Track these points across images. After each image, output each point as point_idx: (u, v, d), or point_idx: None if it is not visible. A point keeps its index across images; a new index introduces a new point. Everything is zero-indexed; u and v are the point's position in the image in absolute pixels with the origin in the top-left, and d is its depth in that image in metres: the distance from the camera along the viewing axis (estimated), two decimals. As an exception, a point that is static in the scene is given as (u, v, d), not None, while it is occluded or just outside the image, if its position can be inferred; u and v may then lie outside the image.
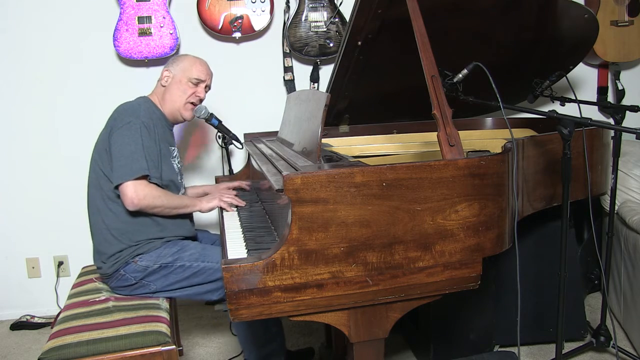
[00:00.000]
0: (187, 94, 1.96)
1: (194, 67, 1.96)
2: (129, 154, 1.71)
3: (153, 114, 1.88)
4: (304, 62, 2.83)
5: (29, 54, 2.66)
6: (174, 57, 2.02)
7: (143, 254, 1.78)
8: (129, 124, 1.75)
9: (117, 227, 1.78)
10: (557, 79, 2.22)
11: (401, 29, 1.68)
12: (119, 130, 1.75)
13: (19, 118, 2.70)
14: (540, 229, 2.18)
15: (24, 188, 2.75)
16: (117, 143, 1.74)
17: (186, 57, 2.00)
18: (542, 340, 2.26)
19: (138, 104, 1.85)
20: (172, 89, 1.94)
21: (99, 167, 1.80)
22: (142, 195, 1.72)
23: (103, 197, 1.80)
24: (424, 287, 1.34)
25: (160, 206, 1.78)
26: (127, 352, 1.50)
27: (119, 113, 1.81)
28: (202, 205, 1.93)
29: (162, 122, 1.93)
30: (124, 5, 2.56)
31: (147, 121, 1.79)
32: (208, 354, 2.39)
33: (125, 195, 1.71)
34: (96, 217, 1.82)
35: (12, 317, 2.78)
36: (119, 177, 1.71)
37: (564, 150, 1.54)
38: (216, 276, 1.76)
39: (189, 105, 1.98)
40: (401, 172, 1.27)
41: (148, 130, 1.78)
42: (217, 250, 1.83)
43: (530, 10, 2.11)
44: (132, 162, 1.71)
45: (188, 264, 1.77)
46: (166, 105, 1.96)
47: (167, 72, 1.95)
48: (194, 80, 1.95)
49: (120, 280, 1.78)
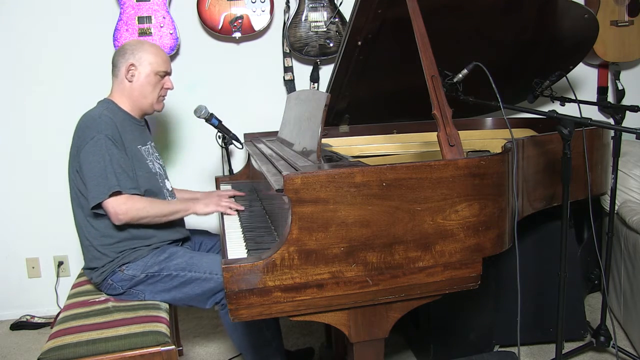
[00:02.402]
0: (158, 89, 1.89)
1: (160, 59, 1.86)
2: (99, 173, 1.66)
3: (116, 118, 1.78)
4: (304, 62, 2.82)
5: (28, 54, 2.65)
6: (128, 47, 1.87)
7: (129, 263, 1.75)
8: (93, 139, 1.69)
9: (100, 242, 1.76)
10: (557, 79, 2.22)
11: (401, 29, 1.69)
12: (85, 148, 1.69)
13: (19, 118, 2.70)
14: (540, 229, 2.18)
15: (24, 188, 2.75)
16: (86, 162, 1.68)
17: (143, 45, 1.87)
18: (542, 340, 2.25)
19: (99, 114, 1.75)
20: (142, 85, 1.85)
21: (75, 186, 1.77)
22: (125, 210, 1.67)
23: (85, 214, 1.76)
24: (424, 287, 1.34)
25: (147, 216, 1.73)
26: (126, 352, 1.50)
27: (82, 129, 1.74)
28: (196, 209, 1.85)
29: (128, 123, 1.85)
30: (124, 5, 2.56)
31: (111, 132, 1.72)
32: (208, 354, 2.39)
33: (109, 213, 1.69)
34: (80, 232, 1.80)
35: (12, 317, 2.78)
36: (93, 198, 1.67)
37: (564, 150, 1.54)
38: (204, 287, 1.71)
39: (161, 98, 1.93)
40: (401, 172, 1.27)
41: (114, 141, 1.71)
42: (207, 258, 1.77)
43: (530, 10, 2.11)
44: (102, 180, 1.66)
45: (175, 273, 1.73)
46: (135, 103, 1.87)
47: (132, 67, 1.83)
48: (162, 73, 1.88)
49: (109, 288, 1.77)
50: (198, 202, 1.89)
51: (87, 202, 1.72)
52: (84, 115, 1.81)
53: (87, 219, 1.76)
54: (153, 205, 1.75)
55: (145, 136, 1.95)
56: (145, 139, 1.93)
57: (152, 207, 1.74)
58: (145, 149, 1.89)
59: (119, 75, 1.87)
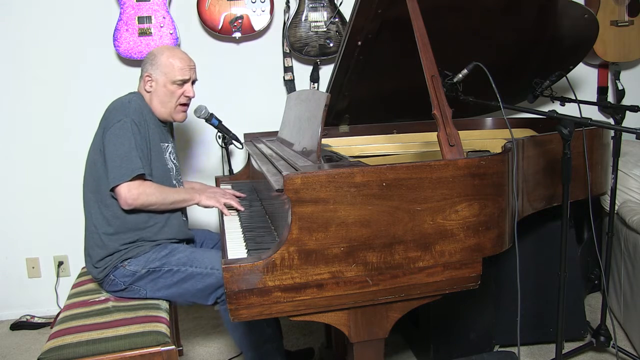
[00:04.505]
0: (176, 97, 1.90)
1: (175, 67, 1.86)
2: (123, 154, 1.69)
3: (145, 109, 1.84)
4: (304, 62, 2.82)
5: (28, 54, 2.66)
6: (150, 56, 1.90)
7: (131, 258, 1.76)
8: (120, 122, 1.72)
9: (107, 231, 1.76)
10: (557, 79, 2.22)
11: (401, 29, 1.69)
12: (110, 130, 1.72)
13: (20, 119, 2.70)
14: (540, 229, 2.18)
15: (25, 188, 2.75)
16: (111, 143, 1.71)
17: (162, 54, 1.88)
18: (542, 340, 2.25)
19: (129, 100, 1.80)
20: (159, 95, 1.88)
21: (94, 169, 1.78)
22: (136, 195, 1.70)
23: (97, 202, 1.78)
24: (424, 287, 1.34)
25: (155, 203, 1.76)
26: (126, 353, 1.50)
27: (110, 112, 1.78)
28: (200, 199, 1.88)
29: (153, 119, 1.89)
30: (124, 5, 2.56)
31: (138, 118, 1.76)
32: (208, 354, 2.39)
33: (119, 196, 1.71)
34: (89, 220, 1.81)
35: (12, 317, 2.78)
36: (115, 179, 1.69)
37: (564, 150, 1.54)
38: (206, 282, 1.72)
39: (180, 107, 1.93)
40: (401, 172, 1.27)
41: (139, 127, 1.75)
42: (208, 254, 1.78)
43: (530, 10, 2.11)
44: (126, 162, 1.69)
45: (176, 268, 1.74)
46: (156, 110, 1.90)
47: (149, 78, 1.87)
48: (178, 82, 1.88)
49: (111, 285, 1.78)
50: (202, 193, 1.92)
51: (101, 187, 1.75)
52: (114, 100, 1.84)
53: (99, 207, 1.78)
54: (162, 192, 1.79)
55: (166, 136, 1.97)
56: (165, 138, 1.95)
57: (161, 194, 1.78)
58: (165, 147, 1.92)
59: (141, 83, 1.93)
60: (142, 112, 1.81)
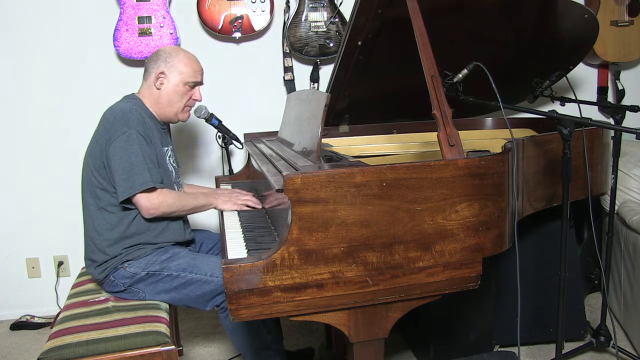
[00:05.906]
0: (185, 99, 1.90)
1: (191, 69, 1.87)
2: (129, 168, 1.68)
3: (145, 115, 1.82)
4: (304, 62, 2.82)
5: (29, 54, 2.66)
6: (162, 54, 1.88)
7: (132, 260, 1.76)
8: (125, 134, 1.70)
9: (107, 236, 1.76)
10: (557, 79, 2.22)
11: (401, 29, 1.68)
12: (115, 143, 1.70)
13: (20, 119, 2.70)
14: (540, 229, 2.18)
15: (25, 188, 2.75)
16: (117, 157, 1.70)
17: (178, 54, 1.88)
18: (542, 340, 2.25)
19: (129, 109, 1.76)
20: (169, 94, 1.87)
21: (95, 178, 1.77)
22: (157, 204, 1.73)
23: (98, 206, 1.77)
24: (424, 287, 1.34)
25: (176, 211, 1.79)
26: (126, 353, 1.50)
27: (112, 123, 1.74)
28: (217, 202, 1.92)
29: (154, 123, 1.87)
30: (124, 5, 2.56)
31: (142, 128, 1.75)
32: (208, 354, 2.39)
33: (140, 206, 1.72)
34: (89, 224, 1.81)
35: (12, 317, 2.78)
36: (124, 192, 1.69)
37: (564, 150, 1.54)
38: (205, 289, 1.71)
39: (187, 108, 1.94)
40: (401, 172, 1.27)
41: (145, 137, 1.74)
42: (208, 260, 1.77)
43: (530, 10, 2.11)
44: (134, 175, 1.68)
45: (175, 273, 1.73)
46: (161, 109, 1.89)
47: (162, 75, 1.85)
48: (191, 84, 1.89)
49: (111, 285, 1.78)
50: (217, 197, 1.95)
51: (105, 195, 1.75)
52: (111, 108, 1.81)
53: (100, 212, 1.78)
54: (182, 200, 1.81)
55: (166, 139, 1.97)
56: (166, 142, 1.95)
57: (181, 202, 1.81)
58: (166, 150, 1.92)
59: (149, 80, 1.89)
60: (144, 121, 1.79)
